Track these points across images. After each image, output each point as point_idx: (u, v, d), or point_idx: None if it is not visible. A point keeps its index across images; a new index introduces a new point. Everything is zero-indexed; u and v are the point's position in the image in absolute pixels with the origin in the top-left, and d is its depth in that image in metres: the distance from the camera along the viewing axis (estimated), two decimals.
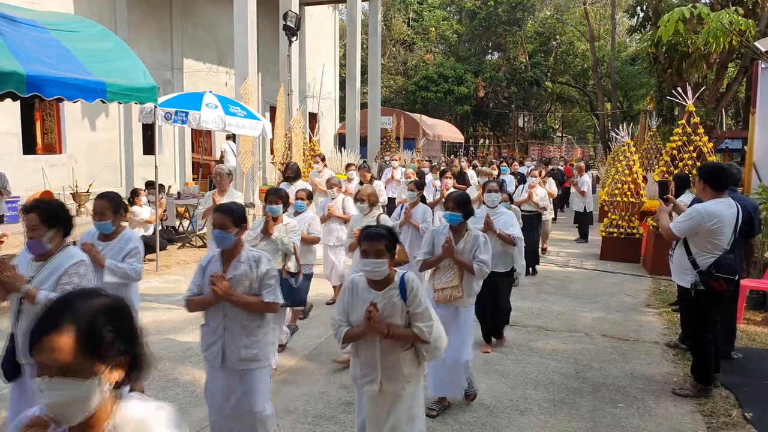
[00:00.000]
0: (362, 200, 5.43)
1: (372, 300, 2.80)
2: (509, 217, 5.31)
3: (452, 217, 4.22)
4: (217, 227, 3.15)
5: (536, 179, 8.75)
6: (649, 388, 4.71)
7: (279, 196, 4.85)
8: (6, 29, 5.94)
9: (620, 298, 7.55)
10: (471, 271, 4.12)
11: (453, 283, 4.12)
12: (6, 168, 10.46)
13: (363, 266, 2.82)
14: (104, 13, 12.30)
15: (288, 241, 4.72)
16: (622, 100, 34.27)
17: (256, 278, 3.16)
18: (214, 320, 3.19)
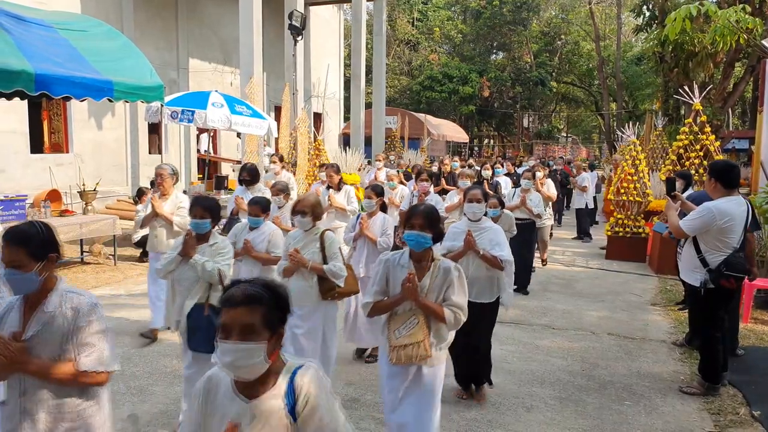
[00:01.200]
0: (303, 212, 4.04)
1: None
2: (496, 233, 4.27)
3: (419, 240, 3.02)
4: (7, 265, 2.16)
5: (530, 182, 7.69)
6: (655, 386, 4.70)
7: (205, 207, 3.77)
8: (15, 28, 5.96)
9: (626, 297, 7.54)
10: (441, 319, 3.01)
11: (417, 338, 2.98)
12: (14, 167, 10.54)
13: (221, 355, 1.70)
14: (111, 12, 12.35)
15: (211, 267, 3.60)
16: (627, 99, 34.14)
17: (70, 334, 2.17)
18: (12, 400, 2.19)
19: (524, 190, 7.61)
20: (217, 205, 3.93)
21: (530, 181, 7.74)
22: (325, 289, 4.00)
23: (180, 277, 3.72)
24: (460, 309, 3.03)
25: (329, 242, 4.06)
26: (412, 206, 3.21)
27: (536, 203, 7.54)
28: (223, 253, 3.76)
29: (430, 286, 3.05)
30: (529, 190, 7.64)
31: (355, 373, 4.86)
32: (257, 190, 6.50)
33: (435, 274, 3.06)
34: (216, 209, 3.85)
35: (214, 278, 3.61)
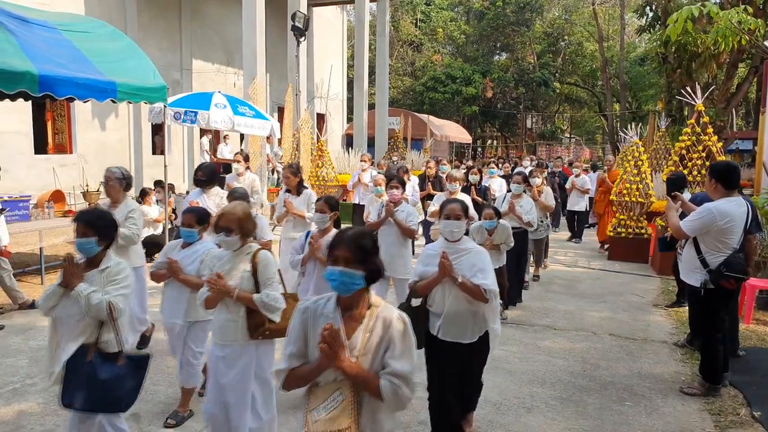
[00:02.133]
0: (227, 229, 3.17)
1: None
2: (479, 256, 3.43)
3: (343, 280, 2.11)
4: None
5: (520, 186, 6.85)
6: (656, 386, 4.70)
7: (88, 222, 2.97)
8: (18, 29, 6.00)
9: (628, 297, 7.53)
10: (377, 395, 2.09)
11: (340, 424, 2.06)
12: (18, 167, 10.59)
13: None
14: (114, 13, 12.42)
15: (98, 299, 2.84)
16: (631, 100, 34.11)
17: None
18: None
19: (515, 195, 6.81)
20: (111, 222, 3.11)
21: (521, 185, 6.87)
22: (253, 324, 3.15)
23: (62, 314, 2.91)
24: (404, 381, 2.09)
25: (263, 265, 3.19)
26: (337, 233, 2.30)
27: (527, 210, 6.71)
28: (117, 281, 2.95)
29: (364, 346, 2.12)
30: (520, 195, 6.84)
31: None
32: (214, 194, 5.82)
33: (370, 328, 2.15)
34: (106, 227, 3.02)
35: (103, 313, 2.85)
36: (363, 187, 9.18)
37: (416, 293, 3.53)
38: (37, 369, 4.77)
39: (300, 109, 13.11)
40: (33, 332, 5.66)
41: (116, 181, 4.89)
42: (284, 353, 2.22)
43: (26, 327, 5.84)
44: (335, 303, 2.22)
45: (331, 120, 21.27)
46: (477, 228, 5.62)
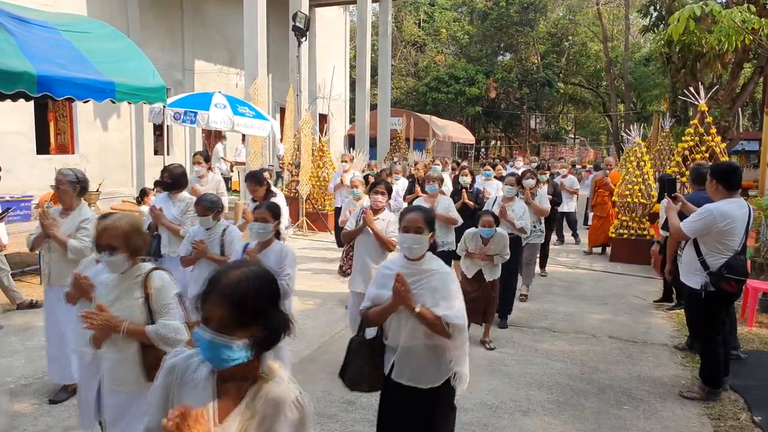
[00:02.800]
0: (110, 248, 2.57)
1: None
2: (444, 280, 2.77)
3: (213, 350, 1.52)
4: None
5: (513, 188, 6.32)
6: (655, 390, 4.65)
7: None
8: (18, 30, 6.01)
9: (629, 299, 7.48)
10: None
11: None
12: (20, 167, 10.61)
13: None
14: (116, 14, 12.43)
15: None
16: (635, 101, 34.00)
17: None
18: None
19: (506, 198, 6.29)
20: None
21: (513, 187, 6.38)
22: (150, 362, 2.55)
23: None
24: None
25: (157, 289, 2.63)
26: (211, 278, 1.61)
27: (520, 215, 6.16)
28: None
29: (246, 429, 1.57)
30: (512, 198, 6.32)
31: None
32: (181, 199, 5.27)
33: (252, 411, 1.58)
34: None
35: None
36: (345, 190, 8.53)
37: (369, 322, 2.85)
38: (32, 369, 4.75)
39: (301, 110, 13.09)
40: (30, 332, 5.65)
41: (69, 185, 4.19)
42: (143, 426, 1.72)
43: (24, 327, 5.83)
44: (209, 377, 1.62)
45: (333, 120, 21.24)
46: (472, 235, 5.38)
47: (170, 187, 5.36)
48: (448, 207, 6.37)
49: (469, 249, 5.44)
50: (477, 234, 5.33)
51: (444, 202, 6.39)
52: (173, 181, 5.33)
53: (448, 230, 6.34)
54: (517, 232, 6.16)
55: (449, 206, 6.39)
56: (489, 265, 5.43)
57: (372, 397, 4.35)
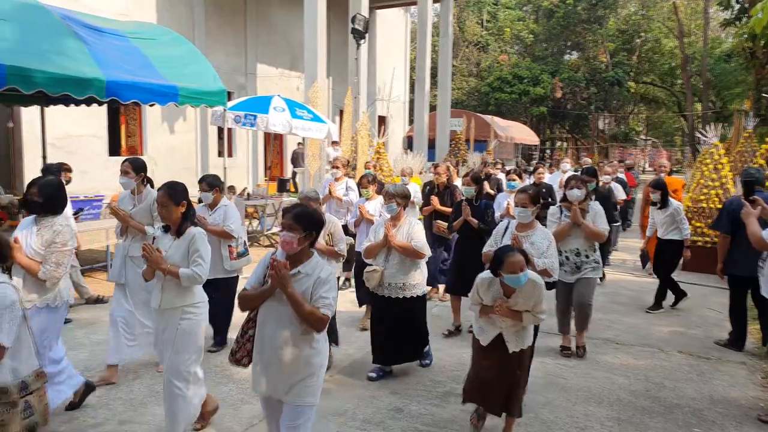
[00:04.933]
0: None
1: None
2: None
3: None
4: None
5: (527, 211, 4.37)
6: (730, 412, 4.28)
7: None
8: (91, 38, 6.33)
9: (702, 312, 6.98)
10: None
11: None
12: (94, 169, 11.17)
13: None
14: (183, 21, 12.90)
15: None
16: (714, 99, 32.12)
17: None
18: None
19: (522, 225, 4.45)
20: None
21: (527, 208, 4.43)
22: None
23: None
24: None
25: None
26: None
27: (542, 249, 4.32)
28: None
29: None
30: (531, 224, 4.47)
31: (400, 382, 4.73)
32: (48, 226, 3.71)
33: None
34: None
35: None
36: (336, 203, 7.18)
37: None
38: (95, 363, 4.92)
39: (359, 112, 13.11)
40: (96, 327, 5.88)
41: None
42: None
43: (90, 321, 6.07)
44: None
45: (392, 122, 21.24)
46: (488, 282, 3.64)
47: (40, 209, 3.75)
48: (410, 233, 4.63)
49: (484, 301, 3.70)
50: (493, 281, 3.61)
51: (407, 227, 4.70)
52: (46, 201, 3.73)
53: (413, 266, 4.67)
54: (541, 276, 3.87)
55: (412, 232, 4.64)
56: (514, 328, 3.65)
57: (420, 406, 4.24)
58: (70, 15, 6.39)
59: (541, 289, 3.62)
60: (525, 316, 3.59)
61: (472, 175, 6.01)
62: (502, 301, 3.59)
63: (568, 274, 5.20)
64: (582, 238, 5.13)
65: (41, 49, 5.46)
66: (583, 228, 5.11)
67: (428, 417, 4.12)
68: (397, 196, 4.72)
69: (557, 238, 4.84)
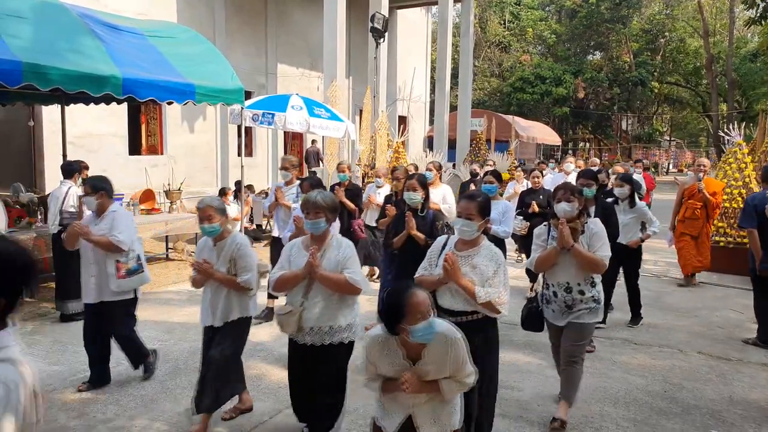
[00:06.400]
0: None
1: None
2: None
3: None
4: None
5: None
6: (749, 414, 4.16)
7: None
8: (108, 36, 6.40)
9: (724, 313, 6.82)
10: None
11: None
12: (114, 168, 11.32)
13: None
14: (204, 21, 13.03)
15: None
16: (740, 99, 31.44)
17: None
18: None
19: (464, 241, 3.32)
20: None
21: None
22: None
23: None
24: None
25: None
26: None
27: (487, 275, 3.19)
28: None
29: None
30: (475, 241, 3.32)
31: None
32: None
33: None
34: None
35: None
36: (284, 211, 5.96)
37: None
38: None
39: (378, 112, 13.11)
40: None
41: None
42: None
43: None
44: None
45: (412, 122, 21.19)
46: (380, 342, 2.58)
47: None
48: (341, 259, 3.40)
49: (380, 370, 2.61)
50: (389, 340, 2.55)
51: (336, 251, 3.43)
52: None
53: (343, 304, 3.44)
54: (481, 309, 3.14)
55: (345, 257, 3.41)
56: (430, 404, 2.60)
57: None
58: (88, 13, 6.46)
59: (458, 348, 2.51)
60: (445, 385, 2.52)
61: (418, 177, 4.85)
62: (410, 372, 2.49)
63: (556, 314, 3.93)
64: (574, 267, 3.80)
65: (58, 46, 5.50)
66: (574, 255, 3.75)
67: None
68: (326, 209, 3.41)
69: (541, 267, 3.93)
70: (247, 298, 3.82)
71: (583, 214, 3.88)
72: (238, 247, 3.73)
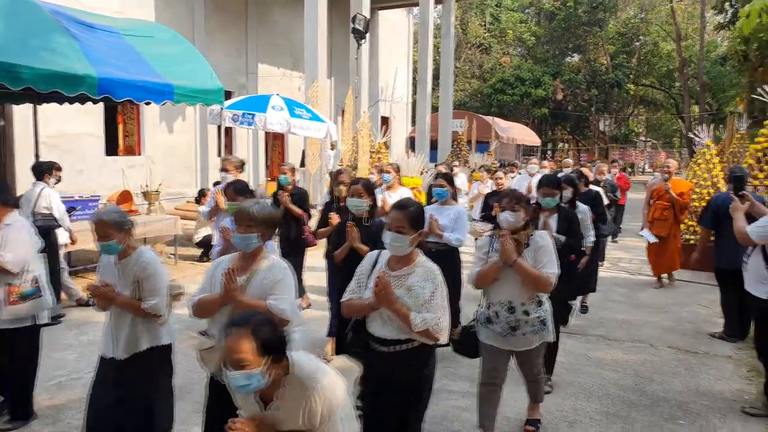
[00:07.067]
0: None
1: None
2: None
3: None
4: None
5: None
6: (715, 405, 4.32)
7: None
8: (82, 35, 6.29)
9: (693, 308, 7.02)
10: None
11: None
12: (90, 168, 11.20)
13: None
14: (183, 20, 12.93)
15: None
16: (711, 102, 32.14)
17: None
18: None
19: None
20: None
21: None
22: None
23: None
24: None
25: None
26: None
27: None
28: None
29: None
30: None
31: None
32: None
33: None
34: None
35: None
36: (223, 214, 5.08)
37: None
38: (84, 364, 4.80)
39: (360, 112, 13.16)
40: (87, 327, 5.81)
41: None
42: None
43: (81, 322, 6.00)
44: None
45: (395, 123, 21.28)
46: None
47: None
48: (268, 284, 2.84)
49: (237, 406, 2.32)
50: None
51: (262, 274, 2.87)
52: None
53: None
54: (417, 338, 2.78)
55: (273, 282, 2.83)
56: None
57: None
58: (61, 11, 6.27)
59: (316, 400, 2.08)
60: None
61: (363, 182, 4.32)
62: (251, 418, 2.14)
63: (499, 336, 3.46)
64: (518, 285, 3.37)
65: (30, 45, 5.32)
66: (517, 270, 3.33)
67: None
68: (261, 223, 2.85)
69: (481, 282, 3.48)
70: (157, 325, 3.15)
71: (529, 226, 3.48)
72: (144, 267, 3.08)
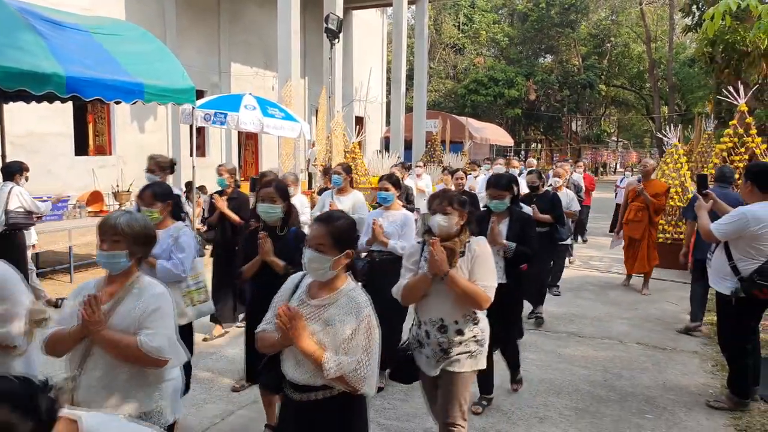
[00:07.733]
0: None
1: None
2: None
3: None
4: None
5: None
6: (681, 399, 4.44)
7: None
8: (49, 32, 6.18)
9: (662, 305, 7.19)
10: None
11: None
12: (59, 168, 10.98)
13: None
14: (154, 18, 12.75)
15: None
16: (680, 102, 32.92)
17: None
18: None
19: None
20: None
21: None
22: None
23: None
24: None
25: None
26: None
27: None
28: None
29: None
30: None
31: None
32: None
33: None
34: None
35: None
36: None
37: None
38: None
39: (333, 112, 13.14)
40: None
41: None
42: None
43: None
44: None
45: (369, 123, 21.29)
46: None
47: None
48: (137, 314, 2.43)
49: None
50: None
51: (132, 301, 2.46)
52: None
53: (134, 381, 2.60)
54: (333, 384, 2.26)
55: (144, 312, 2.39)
56: None
57: (384, 400, 4.28)
58: (27, 8, 6.17)
59: None
60: None
61: (276, 185, 3.74)
62: None
63: (430, 360, 3.02)
64: (450, 300, 2.92)
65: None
66: (449, 284, 2.84)
67: (391, 411, 4.17)
68: (130, 238, 2.37)
69: (409, 297, 3.02)
70: (11, 357, 2.55)
71: (464, 231, 2.99)
72: None
